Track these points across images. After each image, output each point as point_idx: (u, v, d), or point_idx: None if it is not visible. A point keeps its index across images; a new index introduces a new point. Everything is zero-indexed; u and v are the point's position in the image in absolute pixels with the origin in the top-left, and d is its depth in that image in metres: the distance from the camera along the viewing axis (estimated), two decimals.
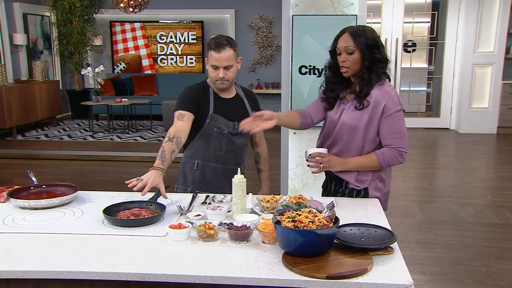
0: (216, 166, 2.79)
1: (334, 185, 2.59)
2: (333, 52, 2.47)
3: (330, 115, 2.56)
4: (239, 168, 2.32)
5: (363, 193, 2.50)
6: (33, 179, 2.66)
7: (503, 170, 7.02)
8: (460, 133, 9.50)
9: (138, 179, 2.23)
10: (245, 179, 2.25)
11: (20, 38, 9.80)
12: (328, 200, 2.38)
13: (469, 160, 7.47)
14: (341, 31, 2.45)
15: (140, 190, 2.19)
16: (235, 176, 2.24)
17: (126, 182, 2.22)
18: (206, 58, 2.71)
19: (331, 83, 2.55)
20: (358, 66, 2.39)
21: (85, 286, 1.77)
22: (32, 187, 2.58)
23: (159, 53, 11.65)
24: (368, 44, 2.35)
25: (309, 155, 2.48)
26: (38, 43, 10.73)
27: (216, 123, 2.74)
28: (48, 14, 11.02)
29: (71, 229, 2.09)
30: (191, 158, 2.83)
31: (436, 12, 9.98)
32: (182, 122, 2.64)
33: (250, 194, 2.40)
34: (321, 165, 2.45)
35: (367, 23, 3.60)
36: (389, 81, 2.47)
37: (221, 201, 2.41)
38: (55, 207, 2.37)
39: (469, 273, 3.69)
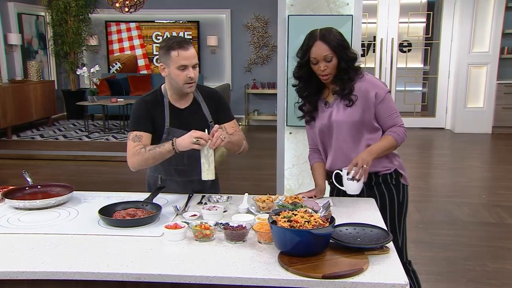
0: (180, 179, 2.67)
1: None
2: (305, 63, 2.42)
3: (317, 124, 2.53)
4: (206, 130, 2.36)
5: (396, 175, 2.52)
6: (28, 179, 2.65)
7: (498, 170, 7.05)
8: (455, 132, 9.53)
9: (194, 140, 2.31)
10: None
11: (14, 38, 9.76)
12: (324, 200, 2.39)
13: (464, 160, 7.50)
14: (308, 39, 2.40)
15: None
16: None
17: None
18: (161, 64, 2.47)
19: (306, 97, 2.54)
20: (337, 69, 2.40)
21: (81, 286, 1.76)
22: (27, 188, 2.57)
23: (155, 53, 11.62)
24: (342, 46, 2.37)
25: (348, 175, 2.34)
26: (33, 43, 10.69)
27: (174, 137, 2.48)
28: (43, 13, 10.99)
29: (67, 230, 2.08)
30: (154, 172, 2.71)
31: (431, 12, 10.01)
32: (139, 143, 2.47)
33: (246, 194, 2.40)
34: (363, 167, 2.31)
35: (363, 23, 3.61)
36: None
37: (217, 201, 2.41)
38: (50, 207, 2.36)
39: (464, 272, 3.70)
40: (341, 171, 2.41)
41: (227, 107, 2.73)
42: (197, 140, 2.31)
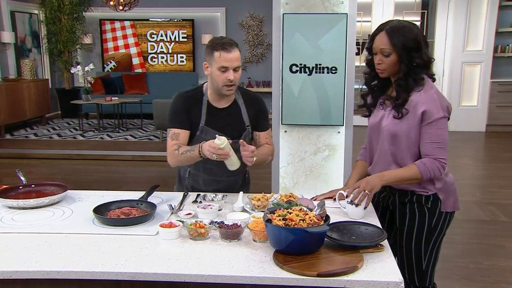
0: (206, 177, 2.67)
1: (399, 196, 2.33)
2: (370, 50, 2.27)
3: (370, 122, 2.37)
4: (217, 135, 2.34)
5: (433, 198, 2.24)
6: (22, 178, 2.64)
7: (491, 168, 7.10)
8: (449, 131, 9.53)
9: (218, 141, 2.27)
10: (223, 145, 2.28)
11: (7, 36, 9.71)
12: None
13: (458, 158, 7.51)
14: (378, 28, 2.23)
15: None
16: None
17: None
18: (205, 63, 2.49)
19: (371, 88, 2.36)
20: (396, 68, 2.18)
21: (75, 286, 1.76)
22: (21, 187, 2.56)
23: (149, 51, 11.60)
24: (407, 47, 2.12)
25: (347, 198, 2.19)
26: (26, 41, 10.65)
27: (206, 136, 2.50)
28: (36, 12, 10.94)
29: (61, 229, 2.07)
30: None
31: (426, 11, 10.05)
32: (177, 141, 2.52)
33: (241, 192, 2.41)
34: (363, 193, 2.14)
35: (358, 21, 3.61)
36: (434, 80, 2.25)
37: (212, 200, 2.41)
38: (44, 206, 2.36)
39: (457, 269, 3.72)
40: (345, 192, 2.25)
41: (266, 116, 2.70)
42: (216, 156, 2.30)
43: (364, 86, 2.43)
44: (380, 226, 2.07)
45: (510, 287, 3.53)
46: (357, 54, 9.79)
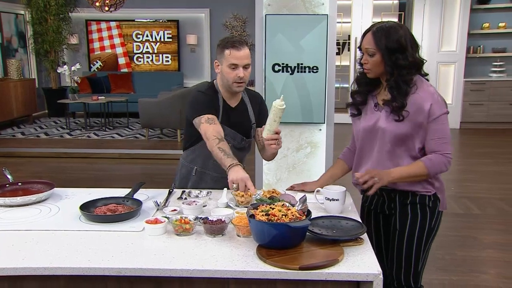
0: (215, 175, 2.68)
1: (399, 198, 2.29)
2: (360, 49, 2.28)
3: (362, 126, 2.32)
4: (282, 96, 2.36)
5: (433, 198, 2.28)
6: (9, 176, 2.64)
7: (465, 163, 7.28)
8: None
9: (233, 186, 2.19)
10: (284, 107, 2.32)
11: None
12: (300, 194, 2.43)
13: None
14: (368, 28, 2.24)
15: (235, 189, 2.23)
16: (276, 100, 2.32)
17: None
18: (215, 61, 2.55)
19: (361, 84, 2.35)
20: (381, 68, 2.19)
21: (62, 282, 1.77)
22: (7, 185, 2.57)
23: (135, 51, 11.58)
24: (389, 48, 2.13)
25: (317, 193, 2.28)
26: (12, 41, 10.57)
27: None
28: (22, 12, 10.87)
29: (48, 226, 2.09)
30: (190, 163, 2.73)
31: (403, 13, 10.23)
32: (216, 125, 2.46)
33: (225, 189, 2.43)
34: (373, 179, 2.13)
35: (338, 22, 3.66)
36: (427, 80, 2.29)
37: (197, 196, 2.44)
38: (31, 204, 2.37)
39: (434, 261, 3.81)
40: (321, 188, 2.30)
41: (267, 111, 2.71)
42: (235, 189, 2.25)
43: (352, 87, 2.44)
44: (359, 220, 2.12)
45: (482, 275, 3.66)
46: (338, 54, 9.97)
